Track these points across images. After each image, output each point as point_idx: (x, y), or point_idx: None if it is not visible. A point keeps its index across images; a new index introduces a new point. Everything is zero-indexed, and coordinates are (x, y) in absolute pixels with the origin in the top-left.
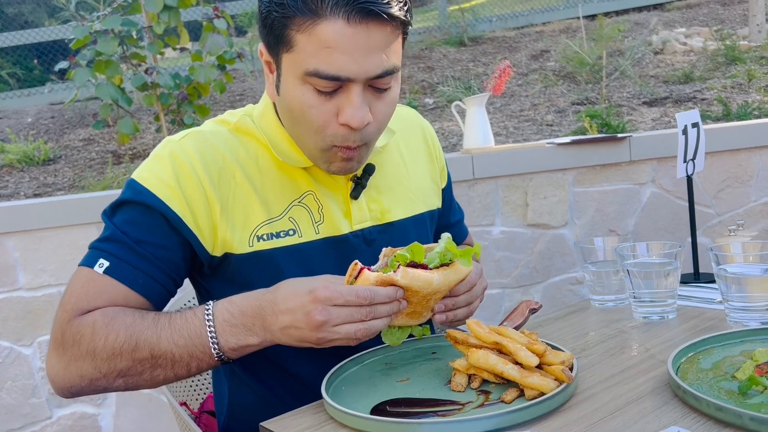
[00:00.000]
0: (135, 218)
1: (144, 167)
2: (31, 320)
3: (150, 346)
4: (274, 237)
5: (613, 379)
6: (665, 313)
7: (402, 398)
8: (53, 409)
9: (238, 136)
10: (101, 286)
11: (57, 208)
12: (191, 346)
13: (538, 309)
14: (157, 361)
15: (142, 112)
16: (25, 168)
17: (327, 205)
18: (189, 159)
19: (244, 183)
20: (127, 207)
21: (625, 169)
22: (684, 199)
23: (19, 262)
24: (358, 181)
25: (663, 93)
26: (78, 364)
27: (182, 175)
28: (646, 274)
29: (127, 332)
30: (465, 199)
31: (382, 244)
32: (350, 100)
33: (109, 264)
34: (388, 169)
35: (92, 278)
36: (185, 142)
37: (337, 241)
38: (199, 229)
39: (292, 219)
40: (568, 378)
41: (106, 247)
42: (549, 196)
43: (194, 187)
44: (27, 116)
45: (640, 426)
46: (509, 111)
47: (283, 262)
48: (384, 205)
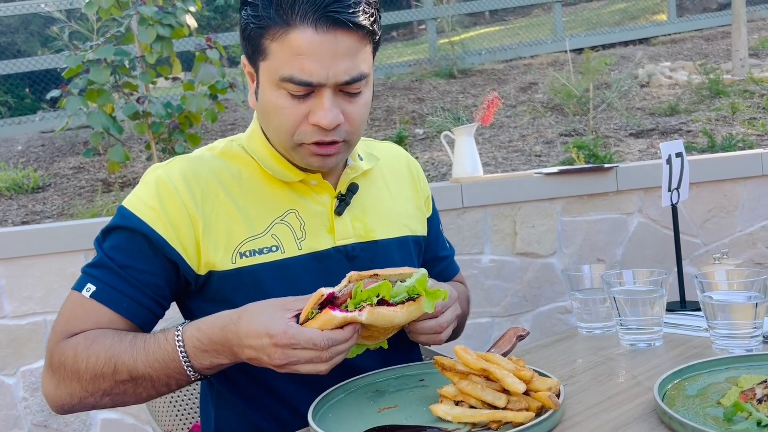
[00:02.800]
0: (121, 244)
1: (132, 194)
2: (15, 348)
3: (128, 369)
4: (257, 253)
5: (600, 406)
6: (652, 340)
7: (389, 425)
8: None
9: (223, 159)
10: (88, 309)
11: (43, 235)
12: (167, 368)
13: (525, 336)
14: (138, 382)
15: (133, 141)
16: (13, 196)
17: (309, 221)
18: (172, 181)
19: (227, 202)
20: (115, 233)
21: (612, 199)
22: (670, 229)
23: (5, 289)
24: (342, 198)
25: (649, 125)
26: (66, 384)
27: (165, 197)
28: (633, 302)
29: (106, 355)
30: (454, 228)
31: (365, 261)
32: (321, 104)
33: (95, 288)
34: (372, 192)
35: (80, 302)
36: (170, 167)
37: (319, 257)
38: (183, 249)
39: (275, 236)
40: (555, 404)
41: (93, 272)
42: (537, 225)
43: (177, 208)
44: (17, 144)
45: None
46: (498, 141)
47: (266, 278)
48: (368, 225)
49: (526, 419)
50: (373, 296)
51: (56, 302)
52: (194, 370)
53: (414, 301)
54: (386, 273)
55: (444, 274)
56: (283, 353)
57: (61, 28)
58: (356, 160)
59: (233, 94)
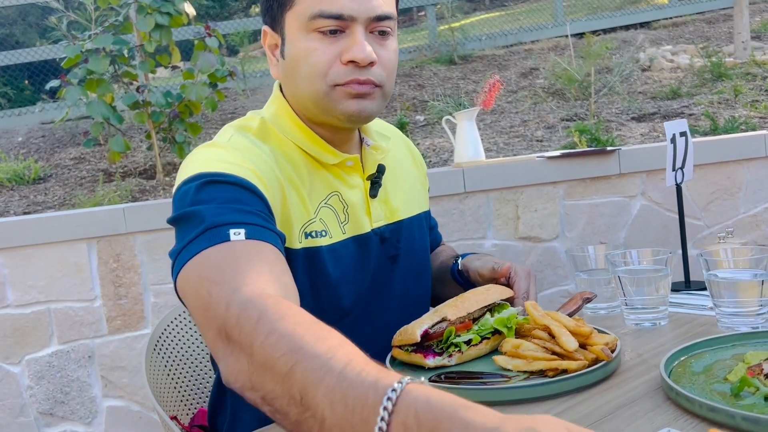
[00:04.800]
0: (234, 195)
1: (205, 160)
2: (19, 338)
3: (304, 385)
4: (318, 235)
5: (607, 384)
6: (657, 319)
7: (454, 371)
8: (42, 428)
9: (264, 141)
10: (250, 253)
11: (45, 224)
12: (347, 425)
13: (592, 298)
14: (304, 415)
15: (134, 131)
16: (15, 187)
17: (351, 205)
18: (254, 145)
19: (292, 178)
20: (215, 187)
21: (614, 182)
22: (673, 212)
23: (8, 279)
24: (375, 180)
25: (651, 109)
26: (237, 354)
27: (253, 156)
28: (638, 281)
29: (289, 347)
30: (456, 213)
31: (393, 242)
32: (354, 39)
33: (245, 230)
34: (390, 172)
35: (236, 248)
36: (235, 140)
37: (361, 240)
38: (275, 211)
39: (323, 220)
40: (607, 356)
41: (225, 219)
42: (540, 209)
43: (268, 168)
44: (17, 135)
45: (632, 428)
46: (499, 127)
47: (326, 260)
48: (392, 205)
49: (580, 367)
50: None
51: (59, 291)
52: None
53: (500, 334)
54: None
55: (434, 242)
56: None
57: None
58: (374, 140)
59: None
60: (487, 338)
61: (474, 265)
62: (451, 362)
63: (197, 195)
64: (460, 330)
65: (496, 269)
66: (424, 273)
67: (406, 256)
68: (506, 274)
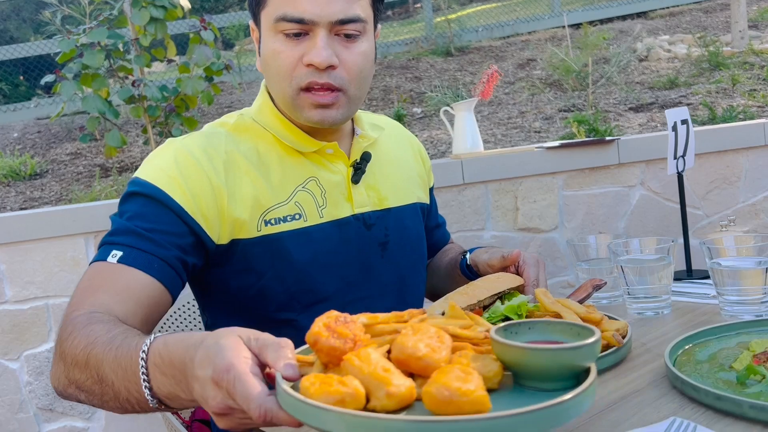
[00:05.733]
0: (141, 210)
1: (146, 164)
2: (17, 334)
3: (96, 365)
4: (281, 221)
5: (611, 373)
6: (660, 308)
7: None
8: (41, 424)
9: (238, 134)
10: (117, 275)
11: (43, 219)
12: (127, 381)
13: (602, 285)
14: (103, 386)
15: (130, 125)
16: (11, 183)
17: (329, 189)
18: (192, 152)
19: (249, 171)
20: (133, 200)
21: (613, 172)
22: (673, 201)
23: (6, 274)
24: (357, 167)
25: (649, 99)
26: (56, 365)
27: (185, 167)
28: (640, 270)
29: (86, 342)
30: (455, 205)
31: (381, 228)
32: (314, 43)
33: (122, 253)
34: (381, 161)
35: (103, 270)
36: (188, 140)
37: (339, 224)
38: (203, 218)
39: (298, 203)
40: (618, 342)
41: (117, 239)
42: (539, 200)
43: (198, 177)
44: (13, 131)
45: (638, 417)
46: (497, 119)
47: (290, 245)
48: (381, 193)
49: None
50: None
51: (57, 287)
52: (153, 395)
53: None
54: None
55: (441, 240)
56: (222, 400)
57: (53, 13)
58: (364, 129)
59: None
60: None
61: (483, 258)
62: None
63: (121, 204)
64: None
65: (505, 257)
66: (419, 262)
67: (399, 244)
68: (516, 260)
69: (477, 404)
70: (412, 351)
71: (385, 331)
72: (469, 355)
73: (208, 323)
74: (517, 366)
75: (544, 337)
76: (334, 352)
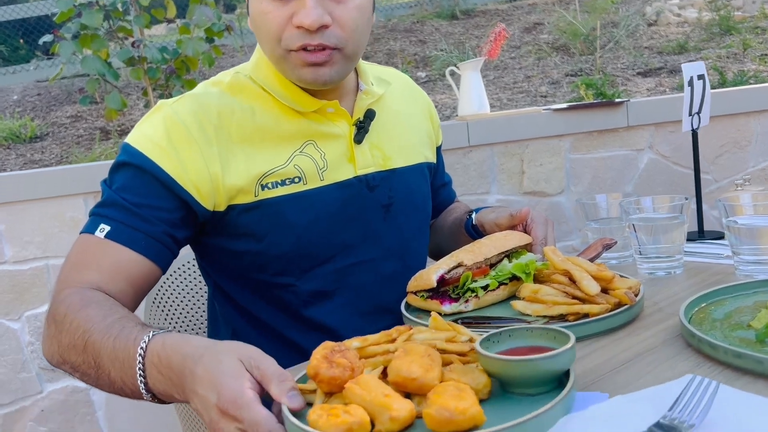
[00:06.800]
0: (130, 182)
1: (137, 130)
2: (18, 294)
3: (94, 352)
4: (279, 185)
5: (623, 331)
6: (672, 268)
7: (473, 316)
8: (44, 383)
9: (232, 94)
10: (104, 251)
11: (42, 179)
12: (124, 374)
13: (612, 245)
14: (99, 371)
15: (130, 88)
16: (11, 145)
17: (330, 151)
18: (182, 120)
19: (242, 138)
20: (122, 171)
21: (622, 135)
22: (682, 165)
23: (5, 235)
24: (360, 125)
25: (657, 63)
26: (51, 340)
27: (176, 136)
28: (653, 229)
29: (84, 327)
30: (460, 168)
31: (385, 190)
32: (303, 3)
33: (110, 228)
34: (387, 118)
35: (92, 244)
36: (178, 106)
37: (341, 186)
38: (195, 188)
39: (297, 166)
40: (630, 300)
41: (105, 212)
42: (545, 163)
43: (190, 148)
44: (13, 93)
45: (653, 376)
46: (502, 83)
47: (289, 209)
48: (386, 153)
49: (602, 311)
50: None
51: (56, 247)
52: (148, 390)
53: (518, 280)
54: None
55: (447, 199)
56: (227, 424)
57: None
58: (369, 84)
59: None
60: (504, 284)
61: (489, 217)
62: (468, 308)
63: (111, 172)
64: (477, 275)
65: (514, 215)
66: (424, 225)
67: (403, 206)
68: (525, 218)
69: (473, 420)
70: (407, 373)
71: (377, 352)
72: (457, 369)
73: (210, 286)
74: (502, 376)
75: (525, 343)
76: (335, 381)
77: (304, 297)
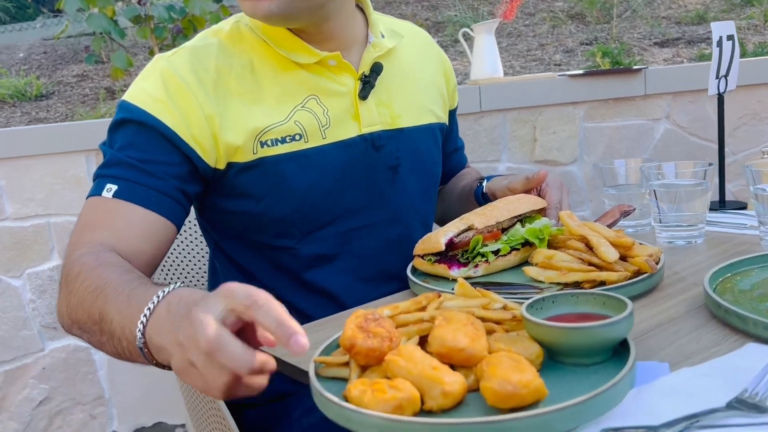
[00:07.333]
0: (133, 138)
1: (134, 86)
2: (19, 251)
3: (103, 306)
4: (279, 142)
5: (643, 300)
6: (693, 237)
7: (484, 281)
8: (45, 341)
9: (231, 45)
10: (113, 211)
11: (44, 135)
12: (127, 320)
13: (631, 211)
14: (102, 326)
15: (137, 48)
16: (17, 103)
17: (333, 108)
18: (180, 74)
19: (242, 92)
20: (123, 128)
21: (638, 103)
22: (699, 137)
23: (6, 190)
24: (365, 80)
25: (675, 34)
26: (61, 303)
27: (174, 90)
28: (675, 195)
29: (97, 283)
30: (471, 134)
31: (392, 150)
32: None
33: (117, 187)
34: (397, 73)
35: (100, 205)
36: (175, 59)
37: (344, 146)
38: (197, 143)
39: (298, 123)
40: (651, 268)
41: (110, 171)
42: (558, 131)
43: (188, 101)
44: (19, 51)
45: (676, 347)
46: (516, 51)
47: (288, 168)
48: (394, 110)
49: (620, 279)
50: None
51: (58, 204)
52: (143, 333)
53: (531, 246)
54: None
55: (458, 165)
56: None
57: None
58: (378, 37)
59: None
60: (516, 249)
61: (502, 184)
62: (477, 273)
63: (111, 132)
64: (488, 240)
65: (530, 178)
66: (432, 188)
67: (411, 168)
68: (543, 180)
69: (537, 393)
70: (453, 343)
71: (409, 321)
72: (504, 338)
73: (210, 245)
74: (555, 345)
75: (571, 309)
76: (372, 353)
77: (305, 260)
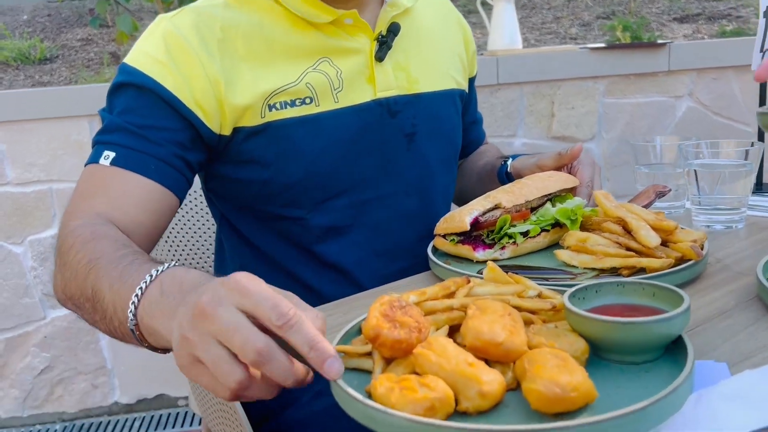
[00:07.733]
0: (131, 102)
1: (135, 48)
2: (21, 217)
3: (95, 281)
4: (288, 105)
5: (687, 291)
6: (733, 222)
7: (515, 265)
8: (47, 309)
9: (239, 6)
10: (110, 179)
11: (46, 98)
12: (119, 298)
13: (666, 192)
14: (95, 304)
15: (143, 12)
16: (20, 66)
17: (347, 70)
18: (183, 34)
19: (249, 53)
20: (121, 92)
21: (661, 80)
22: (722, 116)
23: (7, 155)
24: (382, 41)
25: (695, 9)
26: (56, 275)
27: (176, 51)
28: (717, 177)
29: (90, 256)
30: (487, 107)
31: (408, 117)
32: None
33: (115, 154)
34: (415, 35)
35: (97, 173)
36: (178, 19)
37: (358, 110)
38: (200, 108)
39: (310, 85)
40: (697, 254)
41: (108, 138)
42: (577, 107)
43: (191, 63)
44: (23, 13)
45: (731, 344)
46: (530, 23)
47: (298, 133)
48: (411, 74)
49: (663, 266)
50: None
51: (60, 170)
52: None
53: (562, 227)
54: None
55: (476, 140)
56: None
57: None
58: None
59: None
60: (546, 230)
61: (530, 162)
62: (504, 255)
63: (110, 96)
64: (516, 219)
65: (563, 153)
66: (452, 159)
67: (428, 135)
68: (576, 156)
69: (586, 397)
70: (491, 337)
71: (437, 309)
72: (544, 332)
73: (216, 217)
74: (603, 341)
75: (617, 300)
76: (399, 345)
77: (316, 232)
